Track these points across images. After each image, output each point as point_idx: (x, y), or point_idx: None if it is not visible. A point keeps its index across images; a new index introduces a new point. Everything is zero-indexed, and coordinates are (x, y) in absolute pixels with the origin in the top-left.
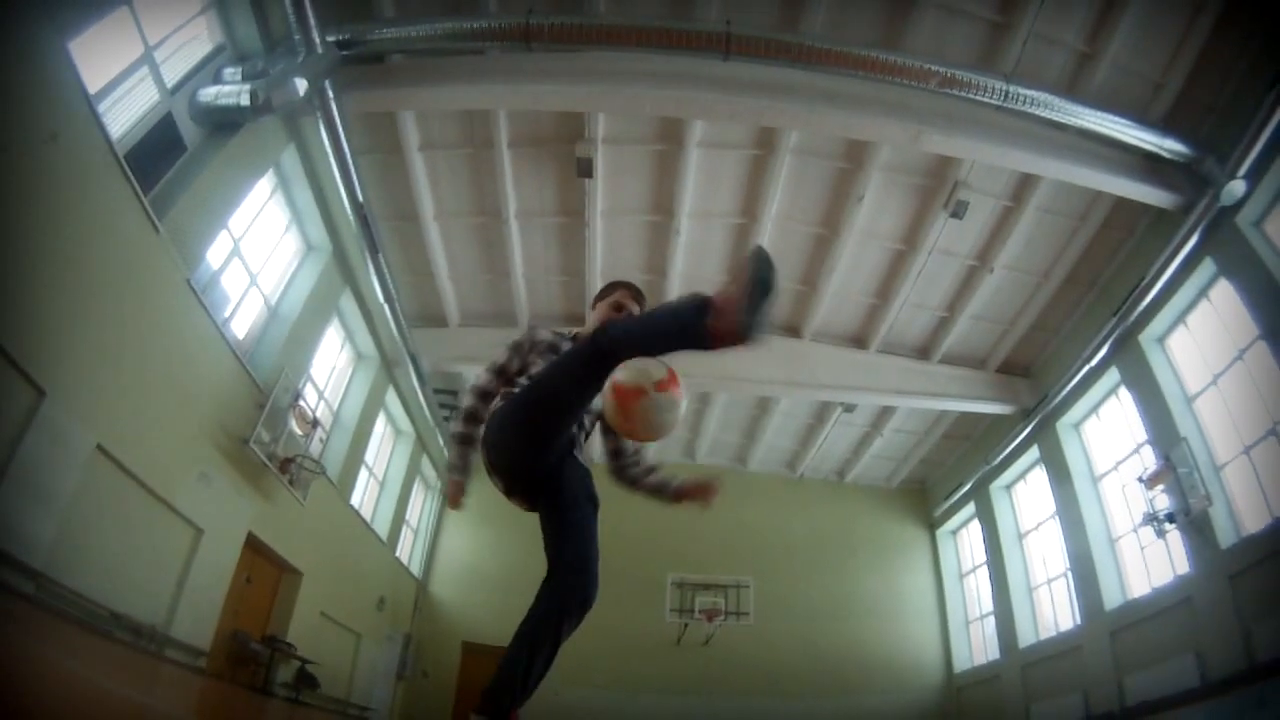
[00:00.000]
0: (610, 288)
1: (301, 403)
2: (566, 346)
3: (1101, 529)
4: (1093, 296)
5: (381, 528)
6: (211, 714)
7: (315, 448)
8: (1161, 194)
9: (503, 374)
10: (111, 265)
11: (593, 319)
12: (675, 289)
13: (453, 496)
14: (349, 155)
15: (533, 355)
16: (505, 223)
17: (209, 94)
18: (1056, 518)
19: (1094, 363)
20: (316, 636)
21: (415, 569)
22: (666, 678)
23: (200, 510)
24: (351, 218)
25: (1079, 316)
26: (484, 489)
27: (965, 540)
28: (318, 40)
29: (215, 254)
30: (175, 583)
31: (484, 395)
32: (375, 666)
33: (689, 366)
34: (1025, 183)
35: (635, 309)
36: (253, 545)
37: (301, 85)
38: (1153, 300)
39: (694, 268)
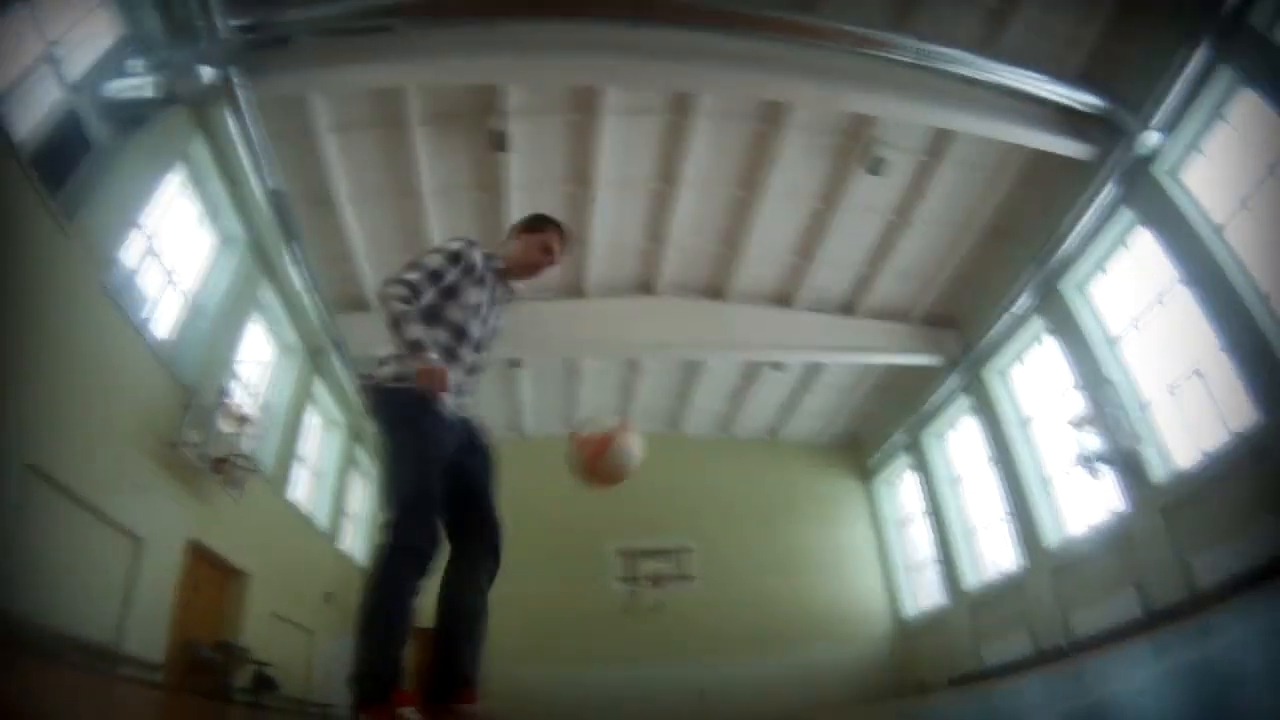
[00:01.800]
0: (541, 223)
1: (228, 400)
2: (489, 281)
3: (1035, 472)
4: (1014, 247)
5: (322, 521)
6: None
7: (248, 445)
8: (1077, 146)
9: (436, 280)
10: (20, 274)
11: (515, 249)
12: (597, 259)
13: (440, 379)
14: (258, 142)
15: (466, 281)
16: (421, 200)
17: (113, 88)
18: (991, 462)
19: (1017, 311)
20: (270, 638)
21: (360, 559)
22: (619, 647)
23: (138, 519)
24: (265, 206)
25: (1001, 267)
26: None
27: (902, 489)
28: (221, 26)
29: (130, 254)
30: (121, 597)
31: (415, 290)
32: (332, 662)
33: (616, 332)
34: (942, 137)
35: (558, 253)
36: (195, 550)
37: (207, 73)
38: (1073, 248)
39: (614, 235)
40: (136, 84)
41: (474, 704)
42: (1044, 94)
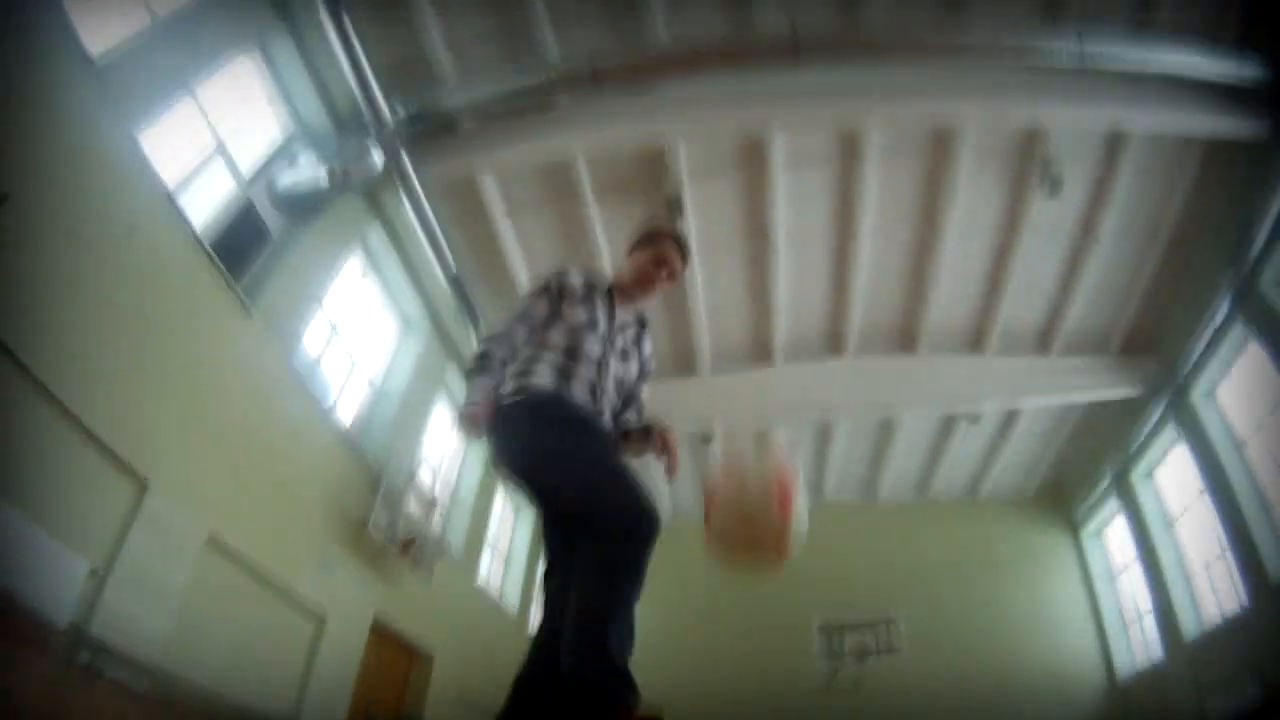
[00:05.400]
0: (656, 236)
1: (418, 482)
2: (599, 302)
3: (1255, 498)
4: (1204, 251)
5: (511, 604)
6: None
7: (435, 527)
8: (1252, 124)
9: (527, 321)
10: (209, 354)
11: (629, 267)
12: (782, 317)
13: (475, 418)
14: (435, 225)
15: (565, 304)
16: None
17: (286, 179)
18: (1205, 494)
19: (1218, 321)
20: None
21: None
22: None
23: (322, 597)
24: (447, 289)
25: (1194, 275)
26: None
27: (1112, 538)
28: (386, 113)
29: (313, 339)
30: (301, 671)
31: (501, 340)
32: None
33: (808, 395)
34: (1114, 145)
35: (678, 267)
36: (379, 630)
37: (379, 159)
38: (1268, 241)
39: (797, 288)
40: (308, 174)
41: None
42: (1207, 73)
